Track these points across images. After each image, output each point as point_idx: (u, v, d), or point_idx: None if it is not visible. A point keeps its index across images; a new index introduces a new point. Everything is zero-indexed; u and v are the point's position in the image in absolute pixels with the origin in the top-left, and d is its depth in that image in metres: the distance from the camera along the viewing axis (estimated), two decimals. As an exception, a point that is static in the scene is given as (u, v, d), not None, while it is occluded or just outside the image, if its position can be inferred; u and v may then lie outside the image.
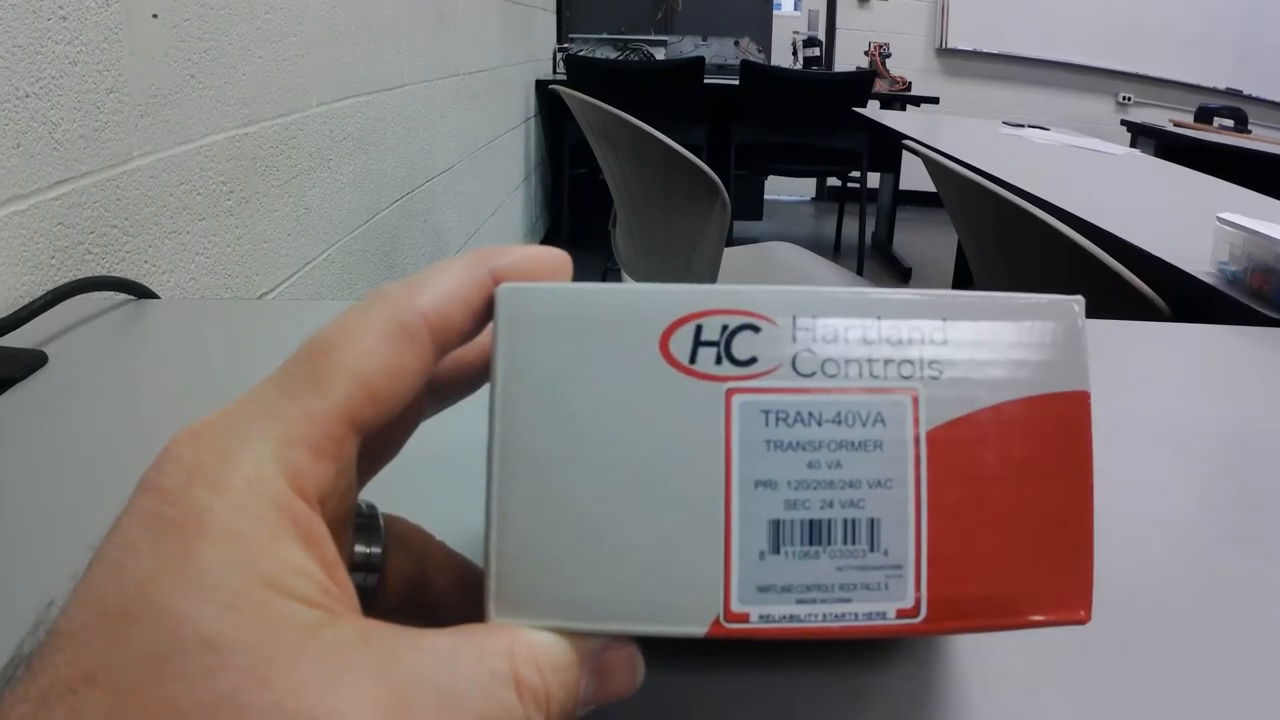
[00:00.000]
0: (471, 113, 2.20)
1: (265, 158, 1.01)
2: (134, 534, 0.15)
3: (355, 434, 0.17)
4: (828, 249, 3.99)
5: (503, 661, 0.16)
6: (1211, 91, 4.55)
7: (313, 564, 0.16)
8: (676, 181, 1.49)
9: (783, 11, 4.55)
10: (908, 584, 0.18)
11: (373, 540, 0.20)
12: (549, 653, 0.17)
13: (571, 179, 3.34)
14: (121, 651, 0.14)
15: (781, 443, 0.18)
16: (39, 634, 0.15)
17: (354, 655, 0.15)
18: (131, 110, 0.73)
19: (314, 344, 0.18)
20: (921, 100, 3.85)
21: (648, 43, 3.73)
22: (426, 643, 0.16)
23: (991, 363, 0.19)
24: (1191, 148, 2.65)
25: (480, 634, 0.17)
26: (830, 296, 0.19)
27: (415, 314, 0.18)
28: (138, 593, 0.15)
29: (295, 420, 0.17)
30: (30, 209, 0.61)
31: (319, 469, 0.17)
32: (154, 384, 0.48)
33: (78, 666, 0.14)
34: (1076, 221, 1.03)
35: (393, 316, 0.18)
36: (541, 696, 0.17)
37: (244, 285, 0.96)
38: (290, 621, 0.15)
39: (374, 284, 1.43)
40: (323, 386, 0.17)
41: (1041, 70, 4.82)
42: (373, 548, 0.20)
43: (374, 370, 0.17)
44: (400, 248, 1.60)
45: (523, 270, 0.19)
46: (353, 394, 0.17)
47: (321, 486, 0.17)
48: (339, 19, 1.24)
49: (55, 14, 0.63)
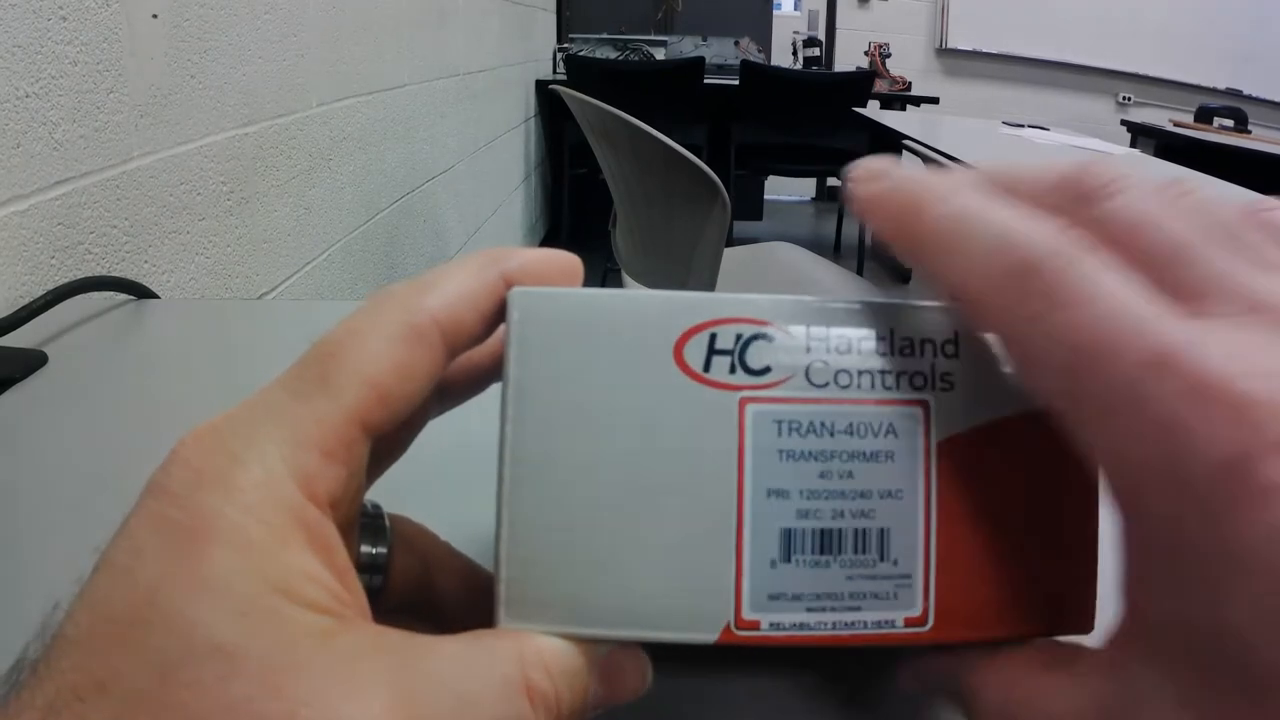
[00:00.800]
0: (471, 113, 2.20)
1: (265, 158, 1.01)
2: (141, 538, 0.15)
3: (366, 436, 0.17)
4: (828, 249, 3.99)
5: (513, 667, 0.16)
6: (1211, 91, 4.55)
7: (324, 569, 0.16)
8: (676, 181, 1.49)
9: (783, 11, 4.55)
10: (916, 593, 0.18)
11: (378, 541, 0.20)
12: (558, 658, 0.17)
13: (571, 179, 3.34)
14: (131, 658, 0.14)
15: (794, 452, 0.18)
16: (44, 638, 0.15)
17: (367, 663, 0.15)
18: (131, 110, 0.73)
19: (322, 346, 0.18)
20: (921, 100, 3.85)
21: (648, 43, 3.73)
22: (438, 649, 0.16)
23: (1002, 375, 0.19)
24: (1191, 148, 2.65)
25: (490, 639, 0.17)
26: (844, 307, 0.19)
27: (425, 316, 0.18)
28: (147, 598, 0.14)
29: (306, 423, 0.16)
30: (30, 209, 0.61)
31: (330, 472, 0.17)
32: (154, 384, 0.48)
33: (86, 673, 0.14)
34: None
35: (403, 318, 0.18)
36: (552, 701, 0.17)
37: (244, 285, 0.96)
38: (302, 628, 0.15)
39: (375, 284, 1.43)
40: (333, 389, 0.17)
41: (1041, 70, 4.83)
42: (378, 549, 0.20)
43: (384, 372, 0.17)
44: (400, 248, 1.60)
45: (534, 273, 0.19)
46: (364, 396, 0.17)
47: (333, 490, 0.17)
48: (339, 19, 1.24)
49: (55, 14, 0.63)
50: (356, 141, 1.34)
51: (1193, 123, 3.18)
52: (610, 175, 1.73)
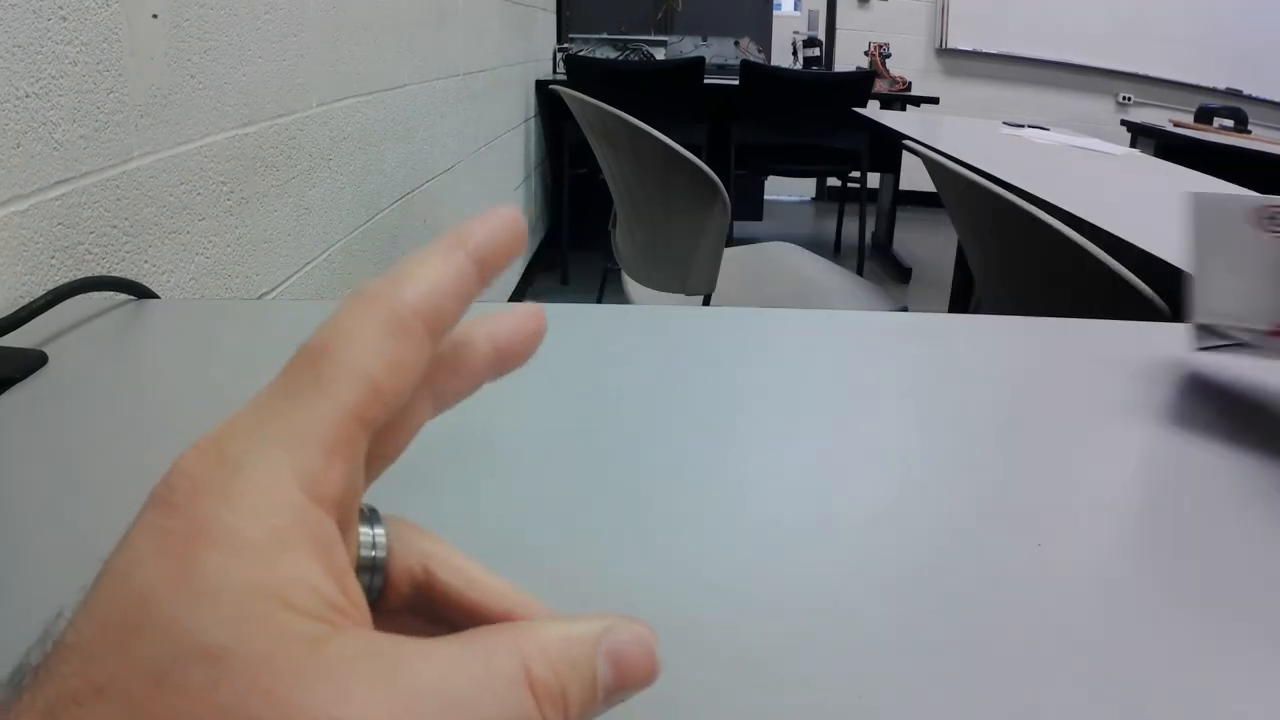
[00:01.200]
0: (471, 113, 2.20)
1: (265, 158, 1.01)
2: (140, 546, 0.15)
3: (365, 432, 0.17)
4: (828, 249, 3.99)
5: (512, 662, 0.16)
6: (1211, 91, 4.55)
7: (322, 574, 0.16)
8: (676, 181, 1.49)
9: (783, 11, 4.55)
10: None
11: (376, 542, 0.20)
12: (560, 646, 0.17)
13: (571, 179, 3.34)
14: (126, 664, 0.14)
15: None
16: (46, 645, 0.15)
17: (360, 668, 0.15)
18: (131, 110, 0.73)
19: (310, 348, 0.18)
20: (921, 100, 3.85)
21: (648, 43, 3.73)
22: (434, 651, 0.16)
23: None
24: (1191, 148, 2.65)
25: (487, 637, 0.17)
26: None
27: (408, 309, 0.18)
28: (141, 604, 0.14)
29: (305, 423, 0.17)
30: (30, 209, 0.61)
31: (334, 471, 0.17)
32: (154, 384, 0.48)
33: (85, 679, 0.14)
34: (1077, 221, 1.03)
35: (387, 314, 0.18)
36: (557, 694, 0.16)
37: (244, 285, 0.96)
38: (295, 635, 0.15)
39: (374, 284, 1.43)
40: (328, 387, 0.17)
41: (1041, 70, 4.82)
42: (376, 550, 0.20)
43: (377, 367, 0.17)
44: (400, 248, 1.60)
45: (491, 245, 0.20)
46: (360, 392, 0.17)
47: (335, 489, 0.17)
48: (339, 19, 1.24)
49: (55, 14, 0.63)
50: (356, 141, 1.34)
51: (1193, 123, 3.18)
52: (610, 175, 1.73)
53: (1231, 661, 0.28)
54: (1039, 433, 0.44)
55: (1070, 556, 0.33)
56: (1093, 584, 0.31)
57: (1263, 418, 0.47)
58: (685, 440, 0.41)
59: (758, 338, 0.55)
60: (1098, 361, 0.53)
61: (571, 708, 0.17)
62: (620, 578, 0.31)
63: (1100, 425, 0.45)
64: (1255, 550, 0.34)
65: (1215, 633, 0.29)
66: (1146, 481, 0.40)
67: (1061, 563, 0.33)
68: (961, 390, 0.49)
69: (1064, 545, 0.34)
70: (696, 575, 0.31)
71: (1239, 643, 0.29)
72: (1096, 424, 0.45)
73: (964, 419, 0.45)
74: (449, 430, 0.24)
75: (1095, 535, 0.35)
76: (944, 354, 0.54)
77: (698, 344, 0.53)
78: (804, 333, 0.56)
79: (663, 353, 0.52)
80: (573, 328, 0.55)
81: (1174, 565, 0.33)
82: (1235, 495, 0.38)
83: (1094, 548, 0.34)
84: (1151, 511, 0.37)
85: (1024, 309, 1.03)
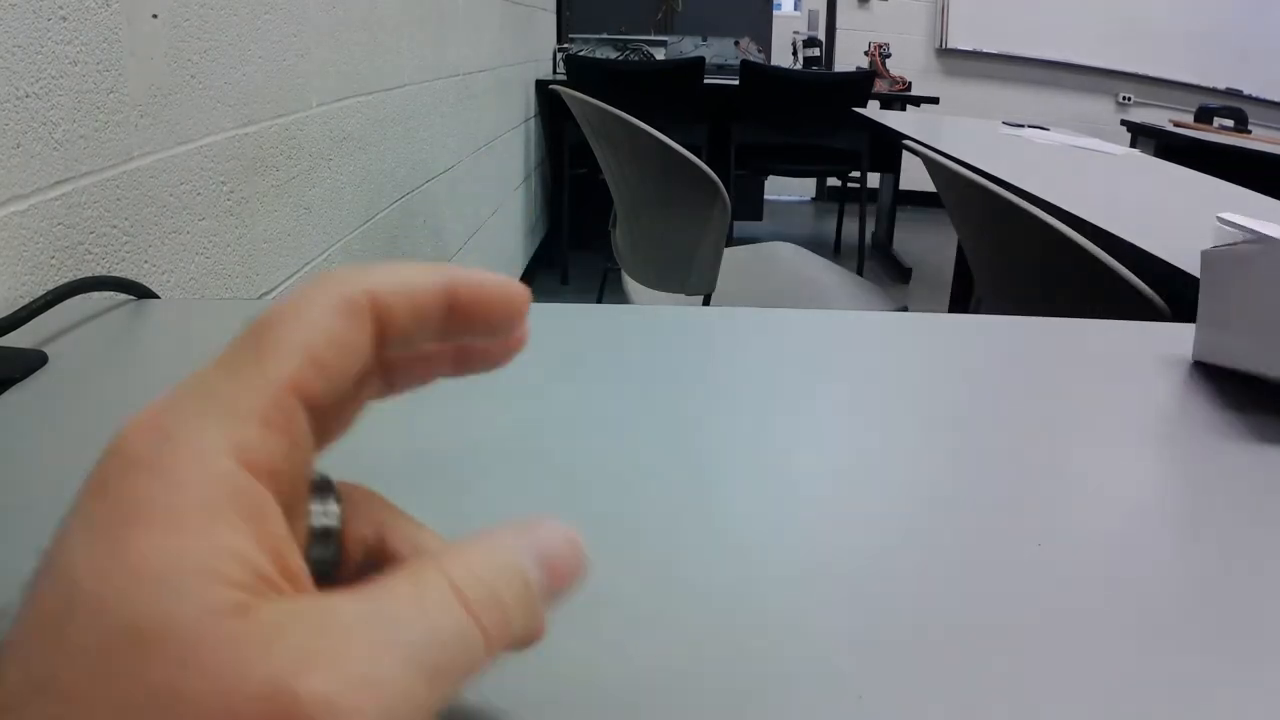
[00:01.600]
0: (471, 113, 2.20)
1: (265, 158, 1.01)
2: (72, 531, 0.15)
3: (304, 405, 0.17)
4: (828, 249, 3.99)
5: (440, 582, 0.16)
6: (1211, 91, 4.55)
7: (253, 544, 0.15)
8: (676, 181, 1.49)
9: (783, 11, 4.55)
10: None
11: (328, 511, 0.20)
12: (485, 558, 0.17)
13: (571, 179, 3.34)
14: (63, 657, 0.14)
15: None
16: None
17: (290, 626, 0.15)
18: (131, 110, 0.73)
19: (258, 322, 0.18)
20: (921, 100, 3.85)
21: (648, 43, 3.73)
22: (361, 592, 0.16)
23: None
24: (1191, 148, 2.65)
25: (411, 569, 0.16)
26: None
27: (360, 290, 0.18)
28: (69, 590, 0.14)
29: (241, 394, 0.17)
30: (30, 209, 0.61)
31: (270, 442, 0.17)
32: (154, 384, 0.47)
33: (26, 677, 0.14)
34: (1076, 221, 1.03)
35: (338, 292, 0.18)
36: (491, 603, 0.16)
37: (244, 285, 0.96)
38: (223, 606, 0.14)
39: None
40: (268, 360, 0.17)
41: (1041, 70, 4.83)
42: (329, 520, 0.20)
43: (318, 343, 0.17)
44: (400, 248, 1.60)
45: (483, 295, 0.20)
46: (298, 364, 0.17)
47: (273, 460, 0.16)
48: (339, 19, 1.24)
49: (55, 14, 0.63)
50: (356, 141, 1.34)
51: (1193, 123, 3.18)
52: (610, 175, 1.73)
53: (1232, 661, 0.28)
54: (1039, 432, 0.44)
55: (1070, 556, 0.33)
56: (1093, 584, 0.31)
57: (1263, 417, 0.47)
58: (685, 440, 0.41)
59: (758, 338, 0.55)
60: (1098, 361, 0.53)
61: (511, 613, 0.17)
62: (618, 577, 0.31)
63: (1100, 425, 0.45)
64: (1256, 549, 0.34)
65: (1216, 632, 0.29)
66: (1146, 481, 0.40)
67: (1061, 563, 0.32)
68: (961, 390, 0.49)
69: (1064, 545, 0.34)
70: (695, 575, 0.31)
71: (1240, 642, 0.29)
72: (1096, 424, 0.45)
73: (964, 419, 0.45)
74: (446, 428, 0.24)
75: (1095, 535, 0.35)
76: (944, 354, 0.54)
77: (698, 344, 0.53)
78: (804, 332, 0.56)
79: (663, 352, 0.52)
80: (573, 327, 0.55)
81: (1174, 565, 0.33)
82: (1235, 494, 0.38)
83: (1094, 548, 0.34)
84: (1152, 511, 0.37)
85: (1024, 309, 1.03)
